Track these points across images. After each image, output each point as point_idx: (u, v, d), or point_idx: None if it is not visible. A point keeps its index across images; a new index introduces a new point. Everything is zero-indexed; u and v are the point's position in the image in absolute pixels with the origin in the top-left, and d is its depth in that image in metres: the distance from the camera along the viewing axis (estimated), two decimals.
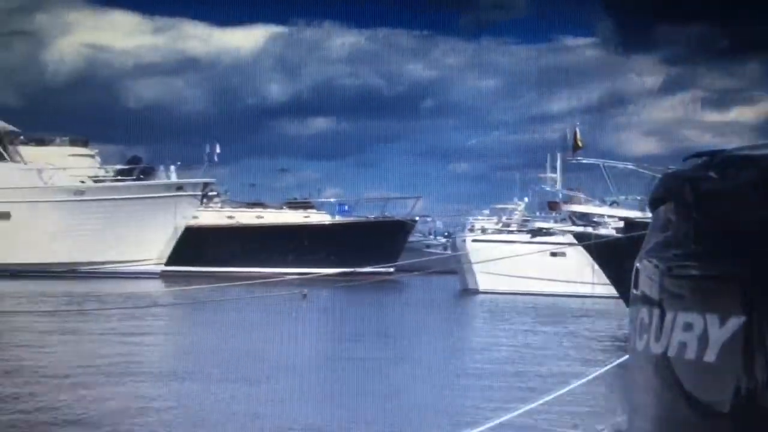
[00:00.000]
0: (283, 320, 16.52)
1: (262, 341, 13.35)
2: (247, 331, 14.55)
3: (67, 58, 61.17)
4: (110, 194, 31.40)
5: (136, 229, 30.80)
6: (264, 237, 35.78)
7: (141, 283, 26.12)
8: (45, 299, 20.42)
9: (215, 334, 14.15)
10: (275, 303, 18.95)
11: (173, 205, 31.45)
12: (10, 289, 23.21)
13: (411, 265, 28.69)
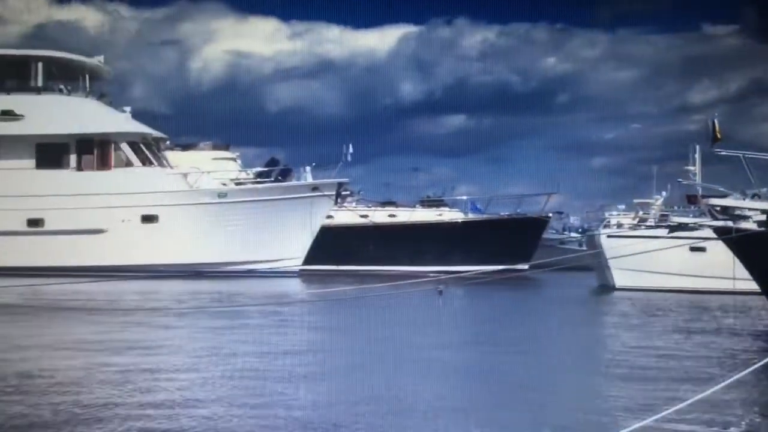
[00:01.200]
0: (424, 317, 16.81)
1: (407, 339, 13.61)
2: (393, 328, 14.87)
3: (211, 65, 63.48)
4: (250, 196, 32.44)
5: (274, 229, 31.78)
6: (397, 235, 36.27)
7: (282, 282, 26.97)
8: (198, 297, 21.42)
9: (365, 331, 14.52)
10: (412, 300, 19.30)
11: (309, 205, 32.28)
12: (163, 288, 24.49)
13: (545, 263, 28.48)
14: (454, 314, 17.87)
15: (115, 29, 72.50)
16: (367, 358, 11.15)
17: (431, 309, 16.81)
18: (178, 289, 24.84)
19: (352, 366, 10.50)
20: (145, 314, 17.22)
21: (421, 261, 32.16)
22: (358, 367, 10.39)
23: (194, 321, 16.37)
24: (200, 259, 31.19)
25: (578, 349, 13.47)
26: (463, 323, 16.83)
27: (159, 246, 31.07)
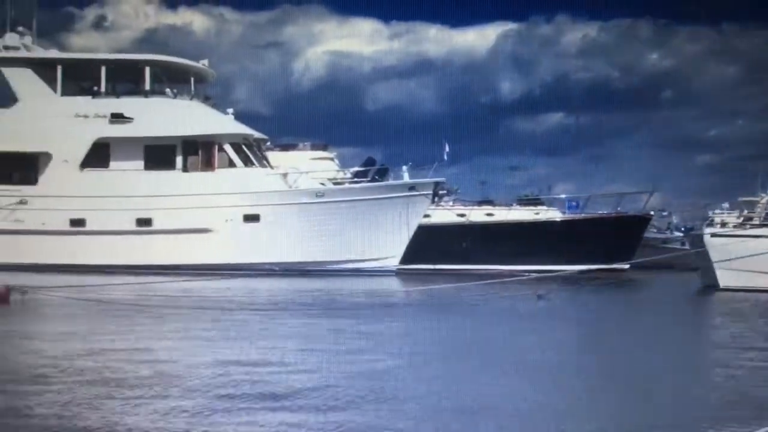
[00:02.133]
0: (525, 318, 16.79)
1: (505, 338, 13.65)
2: (492, 327, 14.91)
3: (312, 66, 64.46)
4: (347, 196, 32.86)
5: (372, 228, 32.18)
6: (494, 234, 36.17)
7: (380, 281, 27.27)
8: (302, 295, 21.88)
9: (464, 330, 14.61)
10: (509, 300, 19.31)
11: (406, 204, 32.54)
12: (265, 286, 25.14)
13: (647, 262, 28.02)
14: (555, 315, 17.78)
15: (221, 32, 74.51)
16: (492, 361, 11.19)
17: (531, 309, 16.82)
18: (279, 287, 25.41)
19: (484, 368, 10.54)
20: (251, 311, 17.67)
21: (518, 260, 32.02)
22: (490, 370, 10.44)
23: (308, 318, 16.68)
24: (299, 258, 31.81)
25: (702, 351, 13.24)
26: (569, 324, 16.66)
27: (260, 245, 31.82)
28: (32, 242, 31.00)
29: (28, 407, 7.72)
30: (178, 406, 7.84)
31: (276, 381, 9.12)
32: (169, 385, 8.82)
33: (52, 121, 32.10)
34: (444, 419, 7.57)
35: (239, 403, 7.92)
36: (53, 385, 8.72)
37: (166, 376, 9.41)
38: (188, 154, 33.13)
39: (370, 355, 11.42)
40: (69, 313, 16.46)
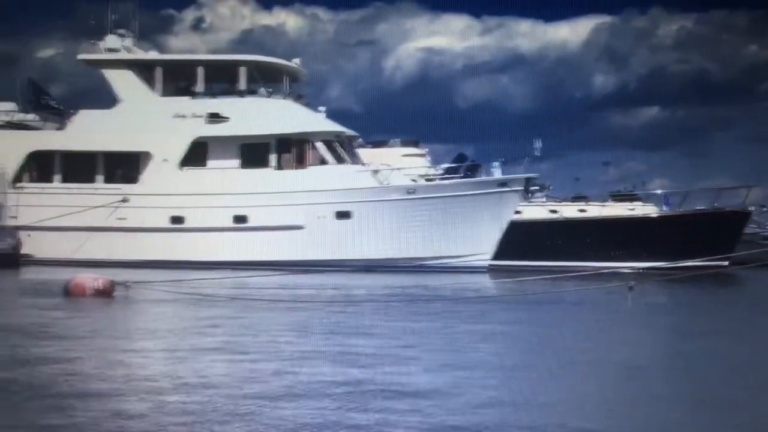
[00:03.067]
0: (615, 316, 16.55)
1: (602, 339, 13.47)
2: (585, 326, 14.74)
3: (404, 63, 64.65)
4: (438, 192, 32.88)
5: (463, 225, 32.13)
6: (588, 231, 35.69)
7: (472, 278, 27.19)
8: (394, 291, 22.00)
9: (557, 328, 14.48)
10: (601, 297, 19.04)
11: (498, 200, 32.38)
12: (356, 282, 25.41)
13: (747, 257, 27.20)
14: (656, 312, 17.45)
15: (314, 32, 75.55)
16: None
17: (624, 306, 16.55)
18: (370, 283, 25.60)
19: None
20: (351, 305, 17.89)
21: (612, 257, 31.53)
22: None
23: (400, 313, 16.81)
24: (391, 254, 32.00)
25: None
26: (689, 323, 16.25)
27: (351, 241, 32.14)
28: (133, 239, 32.07)
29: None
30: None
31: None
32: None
33: (152, 121, 33.12)
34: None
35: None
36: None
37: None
38: (282, 152, 33.71)
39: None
40: (175, 307, 16.94)
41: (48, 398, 7.56)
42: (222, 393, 7.96)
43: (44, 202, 32.32)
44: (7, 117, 35.30)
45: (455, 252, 32.11)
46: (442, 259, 31.93)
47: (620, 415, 7.60)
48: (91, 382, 8.47)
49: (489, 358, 10.82)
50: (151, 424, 6.77)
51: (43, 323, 13.60)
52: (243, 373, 9.32)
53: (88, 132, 33.41)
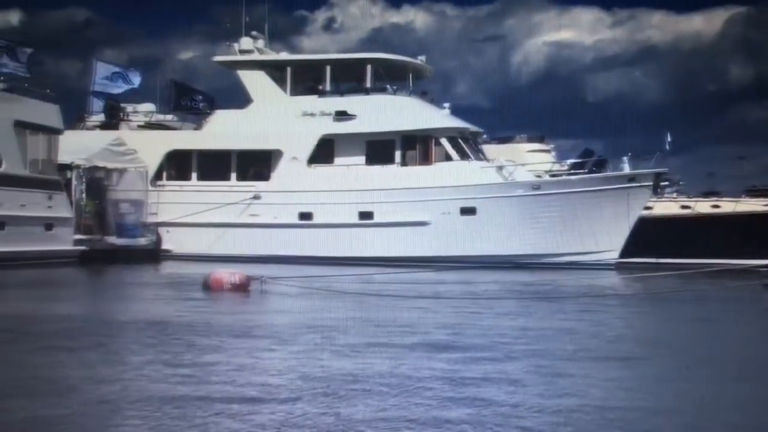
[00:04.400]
0: None
1: None
2: None
3: (531, 57, 64.00)
4: (564, 188, 32.50)
5: (590, 221, 31.69)
6: (722, 227, 34.54)
7: (599, 275, 26.81)
8: (520, 287, 22.00)
9: None
10: (733, 295, 18.49)
11: (626, 196, 31.76)
12: (484, 279, 25.48)
13: None
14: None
15: (442, 28, 75.88)
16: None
17: None
18: (498, 279, 25.62)
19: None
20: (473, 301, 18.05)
21: (748, 254, 30.44)
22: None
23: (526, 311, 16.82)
24: (515, 251, 31.89)
25: None
26: None
27: (477, 237, 32.21)
28: (264, 235, 33.13)
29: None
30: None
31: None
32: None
33: (282, 120, 34.11)
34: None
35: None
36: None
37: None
38: (407, 149, 34.10)
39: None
40: (315, 301, 17.31)
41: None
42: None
43: (182, 200, 33.76)
44: (146, 117, 37.12)
45: (581, 249, 31.72)
46: (568, 256, 31.60)
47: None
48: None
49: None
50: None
51: (205, 319, 14.11)
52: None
53: (223, 131, 34.73)
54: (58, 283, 22.98)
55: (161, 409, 6.88)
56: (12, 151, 27.03)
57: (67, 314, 14.53)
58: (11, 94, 27.74)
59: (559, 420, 6.98)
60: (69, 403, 7.17)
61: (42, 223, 27.98)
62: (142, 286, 22.57)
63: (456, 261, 31.03)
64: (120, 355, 9.90)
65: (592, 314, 15.61)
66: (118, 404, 7.17)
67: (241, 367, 9.08)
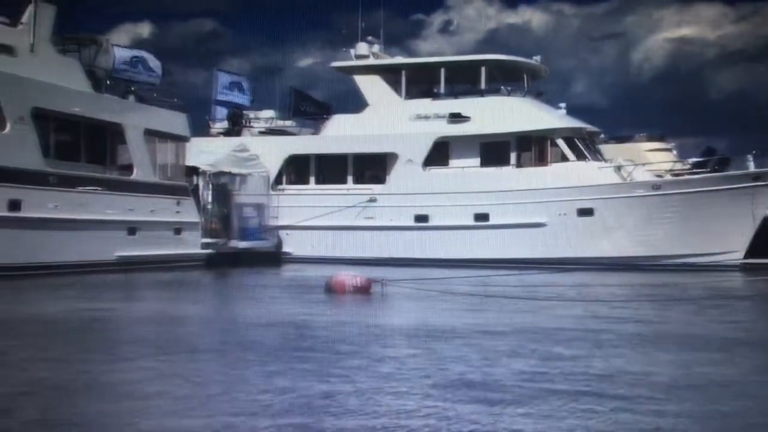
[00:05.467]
0: None
1: None
2: None
3: (652, 55, 62.61)
4: (686, 188, 31.75)
5: (712, 221, 30.85)
6: None
7: (723, 276, 26.12)
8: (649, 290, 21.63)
9: None
10: None
11: (750, 195, 30.83)
12: (604, 281, 25.22)
13: None
14: None
15: (558, 28, 75.15)
16: None
17: None
18: (618, 281, 25.33)
19: None
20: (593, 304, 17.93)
21: None
22: None
23: None
24: (635, 252, 31.37)
25: None
26: None
27: (594, 239, 31.84)
28: (381, 237, 33.65)
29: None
30: None
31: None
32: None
33: (398, 123, 34.55)
34: None
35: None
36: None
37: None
38: (522, 150, 34.01)
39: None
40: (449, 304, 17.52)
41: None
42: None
43: (301, 203, 34.67)
44: (267, 124, 38.27)
45: (703, 250, 30.94)
46: (690, 258, 30.88)
47: None
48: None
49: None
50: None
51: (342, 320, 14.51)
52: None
53: (340, 135, 35.46)
54: (194, 285, 23.99)
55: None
56: (143, 159, 28.39)
57: (227, 317, 15.05)
58: (142, 104, 29.14)
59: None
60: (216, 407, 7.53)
61: (171, 228, 29.27)
62: (270, 289, 23.23)
63: (573, 263, 30.76)
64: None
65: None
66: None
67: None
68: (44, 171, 24.38)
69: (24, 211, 23.51)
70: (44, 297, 18.79)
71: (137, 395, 7.75)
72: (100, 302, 18.06)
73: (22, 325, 13.43)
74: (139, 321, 14.51)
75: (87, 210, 25.47)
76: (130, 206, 27.36)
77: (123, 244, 26.85)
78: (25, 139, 23.77)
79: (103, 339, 12.20)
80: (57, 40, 25.88)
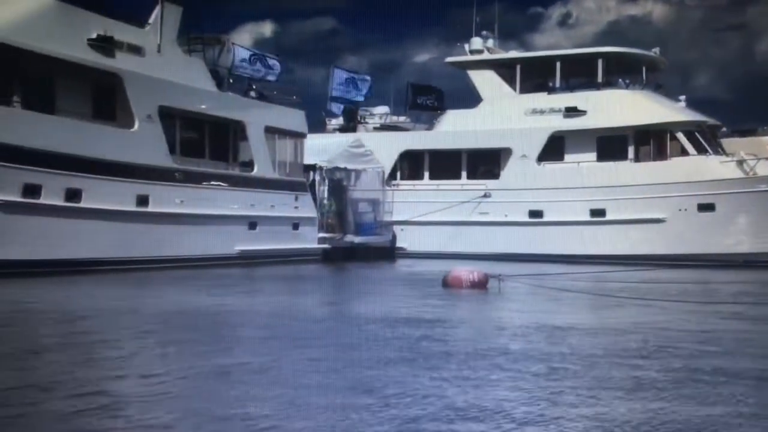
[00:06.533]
0: None
1: None
2: None
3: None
4: None
5: None
6: None
7: None
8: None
9: None
10: None
11: None
12: (724, 278, 24.51)
13: None
14: None
15: (680, 19, 73.26)
16: None
17: None
18: (741, 279, 24.62)
19: None
20: None
21: None
22: None
23: None
24: (758, 249, 30.42)
25: None
26: None
27: (715, 235, 30.98)
28: (494, 233, 33.56)
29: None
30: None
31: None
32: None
33: (512, 118, 34.39)
34: None
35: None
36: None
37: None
38: (640, 144, 33.37)
39: None
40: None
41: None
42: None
43: (415, 198, 34.91)
44: (381, 120, 38.68)
45: None
46: None
47: None
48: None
49: None
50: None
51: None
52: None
53: (454, 131, 35.55)
54: (318, 280, 24.38)
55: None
56: (263, 155, 29.15)
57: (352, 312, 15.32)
58: (262, 101, 29.92)
59: None
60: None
61: (289, 223, 29.97)
62: (387, 283, 23.45)
63: (692, 259, 30.03)
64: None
65: None
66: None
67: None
68: (171, 167, 25.32)
69: (151, 206, 24.47)
70: (193, 289, 19.23)
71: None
72: (264, 296, 18.64)
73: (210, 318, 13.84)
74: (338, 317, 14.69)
75: (211, 205, 26.29)
76: (251, 202, 28.12)
77: (244, 239, 27.61)
78: (152, 137, 24.72)
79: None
80: (182, 41, 26.78)
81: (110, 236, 22.82)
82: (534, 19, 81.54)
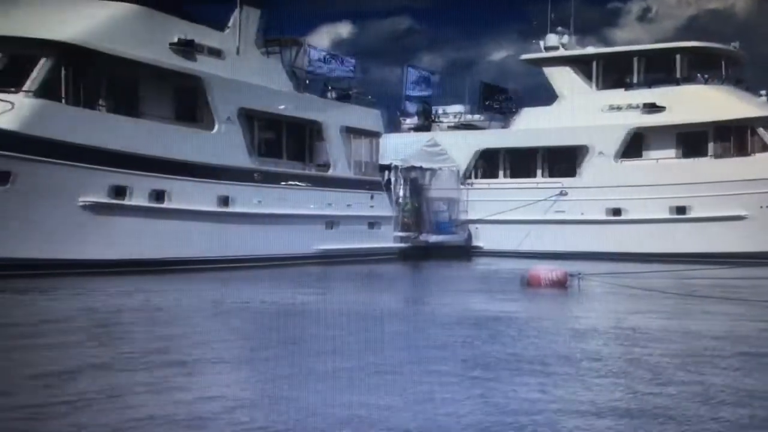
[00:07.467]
0: None
1: None
2: None
3: None
4: None
5: None
6: None
7: None
8: None
9: None
10: None
11: None
12: None
13: None
14: None
15: (763, 12, 71.47)
16: None
17: None
18: None
19: None
20: None
21: None
22: None
23: None
24: None
25: None
26: None
27: None
28: (572, 231, 33.21)
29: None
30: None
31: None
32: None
33: (590, 115, 33.98)
34: None
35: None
36: None
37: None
38: (720, 140, 32.68)
39: None
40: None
41: None
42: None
43: (491, 197, 34.72)
44: (455, 118, 38.63)
45: None
46: None
47: None
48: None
49: None
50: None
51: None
52: None
53: (530, 129, 35.29)
54: (397, 278, 24.57)
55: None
56: (340, 155, 29.39)
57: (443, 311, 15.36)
58: (339, 102, 30.17)
59: None
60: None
61: (366, 222, 30.16)
62: (466, 281, 23.48)
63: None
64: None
65: None
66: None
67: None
68: (251, 168, 25.73)
69: (232, 207, 24.90)
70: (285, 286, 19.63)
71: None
72: (355, 293, 18.92)
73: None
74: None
75: (289, 205, 26.61)
76: (329, 201, 28.37)
77: (321, 238, 27.86)
78: (233, 138, 25.15)
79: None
80: (261, 43, 27.16)
81: (193, 236, 23.26)
82: (613, 14, 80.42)
